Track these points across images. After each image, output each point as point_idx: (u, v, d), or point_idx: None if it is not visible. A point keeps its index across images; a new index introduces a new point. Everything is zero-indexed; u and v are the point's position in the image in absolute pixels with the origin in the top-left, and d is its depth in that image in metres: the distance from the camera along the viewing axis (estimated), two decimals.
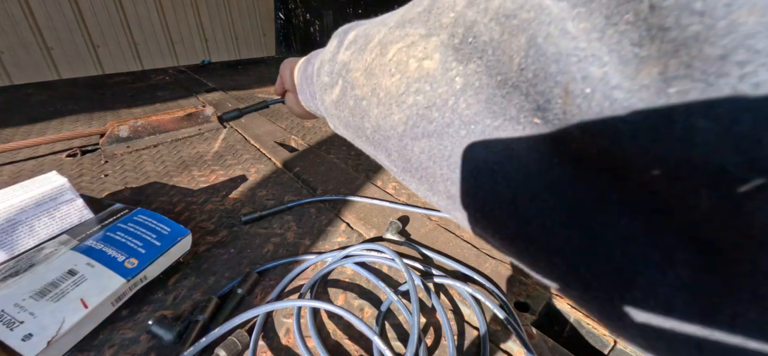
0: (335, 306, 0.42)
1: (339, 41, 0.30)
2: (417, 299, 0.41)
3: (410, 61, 0.21)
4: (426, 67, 0.20)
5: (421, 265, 0.51)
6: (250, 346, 0.39)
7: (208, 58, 2.72)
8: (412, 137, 0.22)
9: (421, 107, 0.21)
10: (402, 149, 0.23)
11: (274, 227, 0.62)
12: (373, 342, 0.39)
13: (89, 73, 2.23)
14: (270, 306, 0.43)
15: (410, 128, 0.22)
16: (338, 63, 0.28)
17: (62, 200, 0.55)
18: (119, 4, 2.28)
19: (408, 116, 0.22)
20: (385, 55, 0.23)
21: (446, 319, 0.42)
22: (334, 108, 0.28)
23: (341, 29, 0.32)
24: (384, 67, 0.23)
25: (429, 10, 0.21)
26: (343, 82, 0.27)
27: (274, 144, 0.99)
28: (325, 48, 0.32)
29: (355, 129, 0.27)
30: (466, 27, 0.18)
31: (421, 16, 0.21)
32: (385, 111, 0.23)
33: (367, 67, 0.25)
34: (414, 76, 0.21)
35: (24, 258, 0.47)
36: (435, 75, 0.20)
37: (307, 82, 0.35)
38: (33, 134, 1.10)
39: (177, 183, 0.78)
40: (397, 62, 0.22)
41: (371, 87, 0.24)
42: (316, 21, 2.55)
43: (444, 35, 0.19)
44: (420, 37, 0.21)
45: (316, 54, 0.35)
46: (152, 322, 0.41)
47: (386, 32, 0.24)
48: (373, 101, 0.24)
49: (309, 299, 0.45)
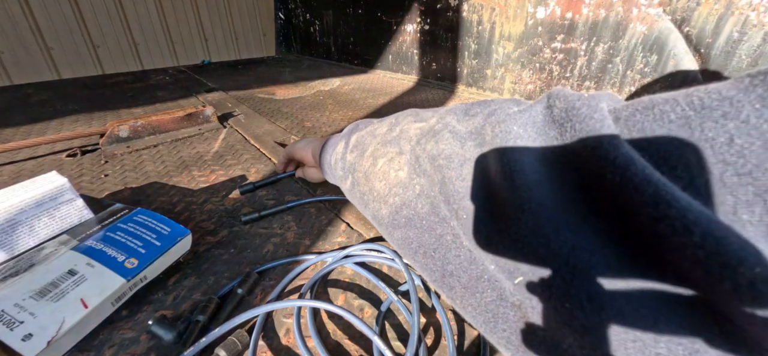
0: (335, 306, 0.42)
1: (346, 143, 0.43)
2: (417, 299, 0.41)
3: (390, 171, 0.32)
4: (400, 177, 0.30)
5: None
6: (250, 346, 0.39)
7: (208, 58, 2.71)
8: (392, 226, 0.32)
9: (398, 205, 0.30)
10: (389, 233, 0.33)
11: (274, 227, 0.62)
12: (373, 342, 0.39)
13: (89, 73, 2.23)
14: (270, 306, 0.43)
15: (391, 220, 0.31)
16: (347, 163, 0.41)
17: (62, 200, 0.54)
18: (119, 4, 2.28)
19: (390, 212, 0.31)
20: (376, 165, 0.34)
21: (446, 319, 0.42)
22: (349, 193, 0.43)
23: (347, 129, 0.46)
24: (376, 175, 0.34)
25: (399, 138, 0.32)
26: (352, 179, 0.40)
27: (274, 144, 0.99)
28: (336, 143, 0.48)
29: (363, 210, 0.40)
30: (415, 157, 0.28)
31: (395, 141, 0.32)
32: (378, 205, 0.34)
33: (365, 171, 0.36)
34: (393, 183, 0.31)
35: (24, 258, 0.47)
36: (405, 182, 0.29)
37: (328, 168, 0.51)
38: (33, 134, 1.10)
39: (177, 183, 0.78)
40: (383, 172, 0.33)
41: (369, 187, 0.35)
42: (316, 21, 2.55)
43: (408, 156, 0.30)
44: (396, 155, 0.32)
45: (330, 146, 0.49)
46: (152, 322, 0.41)
47: (375, 146, 0.35)
48: (370, 197, 0.35)
49: (309, 299, 0.45)
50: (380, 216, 0.33)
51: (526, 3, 1.31)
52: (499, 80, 1.51)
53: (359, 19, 2.14)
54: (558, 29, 1.25)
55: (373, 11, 2.01)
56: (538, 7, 1.28)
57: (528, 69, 1.39)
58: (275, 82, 1.87)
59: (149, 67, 2.45)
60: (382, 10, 1.95)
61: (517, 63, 1.42)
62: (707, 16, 0.94)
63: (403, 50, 1.93)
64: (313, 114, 1.31)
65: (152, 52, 2.51)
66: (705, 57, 0.96)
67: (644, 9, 1.04)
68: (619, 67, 1.13)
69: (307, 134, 1.11)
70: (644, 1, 1.04)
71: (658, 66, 1.05)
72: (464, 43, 1.59)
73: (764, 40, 0.86)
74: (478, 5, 1.48)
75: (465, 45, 1.60)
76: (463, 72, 1.65)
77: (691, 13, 0.96)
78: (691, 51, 0.98)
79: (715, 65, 0.94)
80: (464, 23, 1.56)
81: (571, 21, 1.21)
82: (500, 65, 1.48)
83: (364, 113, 1.32)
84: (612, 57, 1.14)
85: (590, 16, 1.16)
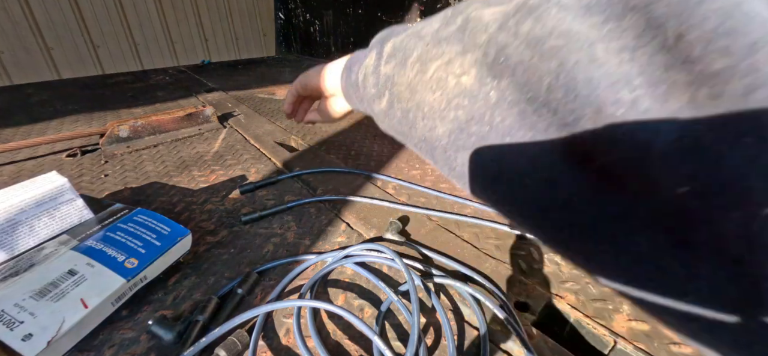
0: (335, 306, 0.42)
1: (377, 53, 0.32)
2: (417, 299, 0.41)
3: (449, 78, 0.23)
4: (464, 83, 0.22)
5: (421, 265, 0.51)
6: (250, 346, 0.39)
7: (208, 58, 2.71)
8: (454, 148, 0.24)
9: (462, 121, 0.22)
10: (446, 158, 0.25)
11: (274, 227, 0.62)
12: (373, 342, 0.39)
13: (89, 73, 2.23)
14: (270, 306, 0.43)
15: (453, 140, 0.24)
16: (382, 75, 0.30)
17: (62, 200, 0.55)
18: (119, 4, 2.28)
19: (450, 129, 0.23)
20: (426, 73, 0.25)
21: (446, 319, 0.42)
22: (384, 116, 0.31)
23: (376, 39, 0.34)
24: (426, 84, 0.25)
25: (463, 29, 0.22)
26: (390, 95, 0.30)
27: (274, 144, 0.99)
28: (363, 57, 0.35)
29: (404, 135, 0.29)
30: (498, 48, 0.19)
31: (457, 35, 0.23)
32: (430, 124, 0.25)
33: (409, 82, 0.27)
34: (453, 92, 0.23)
35: (24, 258, 0.47)
36: (472, 90, 0.21)
37: (353, 89, 0.37)
38: (33, 134, 1.10)
39: (177, 183, 0.78)
40: (438, 79, 0.24)
41: (416, 102, 0.26)
42: (316, 21, 2.55)
43: (478, 53, 0.20)
44: (456, 54, 0.22)
45: (355, 62, 0.37)
46: (152, 322, 0.41)
47: (424, 49, 0.26)
48: (418, 114, 0.26)
49: (309, 299, 0.45)
50: (434, 137, 0.24)
51: None
52: None
53: (359, 19, 2.14)
54: None
55: (373, 11, 2.01)
56: None
57: None
58: (275, 82, 1.87)
59: (149, 67, 2.45)
60: (382, 10, 1.95)
61: None
62: None
63: None
64: None
65: (152, 52, 2.51)
66: None
67: None
68: None
69: (307, 134, 1.10)
70: None
71: None
72: None
73: None
74: None
75: None
76: None
77: None
78: None
79: None
80: None
81: None
82: None
83: None
84: None
85: None
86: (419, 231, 0.61)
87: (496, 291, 0.47)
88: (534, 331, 0.43)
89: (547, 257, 0.55)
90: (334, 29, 2.41)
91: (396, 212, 0.66)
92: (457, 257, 0.54)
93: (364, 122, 1.21)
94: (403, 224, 0.61)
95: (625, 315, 0.45)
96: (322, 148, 0.99)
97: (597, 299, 0.47)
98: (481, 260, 0.54)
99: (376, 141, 1.04)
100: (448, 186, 0.77)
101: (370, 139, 1.06)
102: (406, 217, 0.64)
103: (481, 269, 0.52)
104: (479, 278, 0.49)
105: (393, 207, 0.67)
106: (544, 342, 0.41)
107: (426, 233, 0.60)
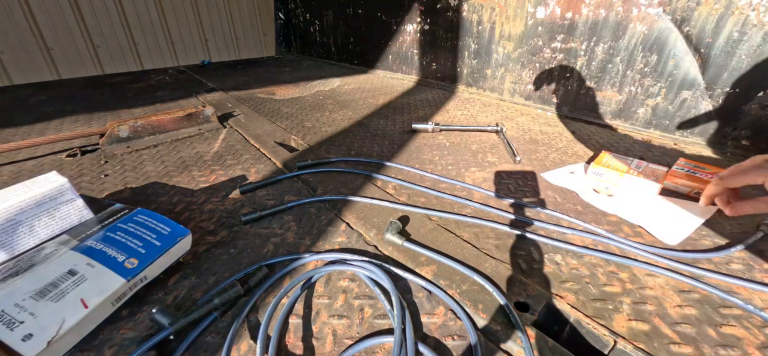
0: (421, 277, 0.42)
1: None
2: (405, 310, 0.41)
3: None
4: None
5: (420, 266, 0.51)
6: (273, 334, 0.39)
7: (208, 59, 2.71)
8: None
9: None
10: None
11: (274, 227, 0.62)
12: (373, 342, 0.39)
13: (89, 73, 2.23)
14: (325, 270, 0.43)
15: None
16: None
17: (62, 200, 0.55)
18: (119, 4, 2.28)
19: None
20: None
21: (446, 319, 0.42)
22: None
23: None
24: None
25: None
26: None
27: (274, 144, 0.99)
28: None
29: None
30: None
31: None
32: None
33: None
34: None
35: (24, 258, 0.47)
36: None
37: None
38: (33, 134, 1.10)
39: (177, 183, 0.78)
40: None
41: None
42: (316, 21, 2.55)
43: None
44: None
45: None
46: (155, 311, 0.42)
47: None
48: None
49: (304, 296, 0.45)
50: None
51: (526, 3, 1.31)
52: (499, 80, 1.51)
53: (359, 19, 2.14)
54: (558, 29, 1.25)
55: (373, 11, 2.01)
56: (538, 7, 1.28)
57: (528, 69, 1.39)
58: (275, 83, 1.87)
59: (149, 67, 2.45)
60: (382, 10, 1.95)
61: (517, 63, 1.42)
62: (707, 16, 0.94)
63: (403, 50, 1.93)
64: (313, 114, 1.31)
65: (152, 52, 2.51)
66: (705, 57, 0.96)
67: (644, 9, 1.04)
68: (619, 67, 1.13)
69: (307, 134, 1.10)
70: (644, 1, 1.04)
71: (658, 66, 1.05)
72: (464, 43, 1.59)
73: (764, 40, 0.86)
74: (478, 5, 1.48)
75: (465, 45, 1.59)
76: (463, 72, 1.65)
77: (691, 12, 0.96)
78: (691, 51, 0.98)
79: (715, 65, 0.95)
80: (464, 23, 1.56)
81: (571, 21, 1.21)
82: (500, 65, 1.48)
83: (365, 112, 1.32)
84: (612, 57, 1.14)
85: (590, 16, 1.16)
86: (419, 231, 0.61)
87: (496, 291, 0.47)
88: (534, 331, 0.43)
89: (547, 257, 0.55)
90: (334, 29, 2.40)
91: (396, 212, 0.66)
92: (457, 257, 0.54)
93: (364, 122, 1.21)
94: (403, 224, 0.61)
95: (625, 315, 0.45)
96: (322, 148, 0.99)
97: (597, 299, 0.47)
98: (481, 261, 0.54)
99: (376, 141, 1.04)
100: (448, 186, 0.77)
101: (370, 139, 1.06)
102: (406, 217, 0.64)
103: (481, 269, 0.52)
104: (479, 278, 0.49)
105: (393, 207, 0.67)
106: (544, 342, 0.41)
107: (426, 233, 0.60)
